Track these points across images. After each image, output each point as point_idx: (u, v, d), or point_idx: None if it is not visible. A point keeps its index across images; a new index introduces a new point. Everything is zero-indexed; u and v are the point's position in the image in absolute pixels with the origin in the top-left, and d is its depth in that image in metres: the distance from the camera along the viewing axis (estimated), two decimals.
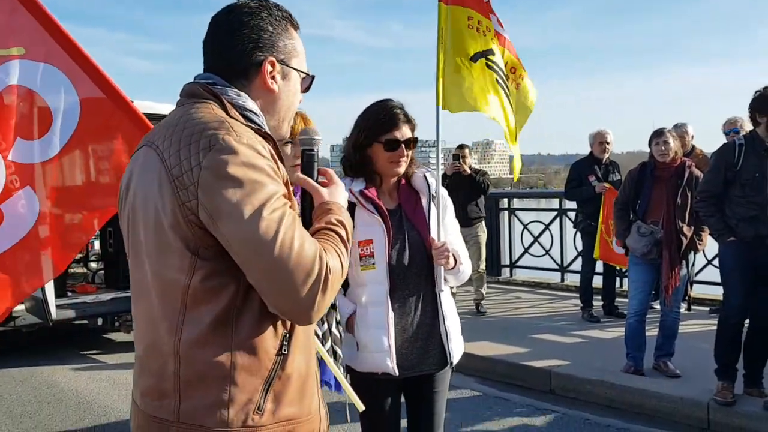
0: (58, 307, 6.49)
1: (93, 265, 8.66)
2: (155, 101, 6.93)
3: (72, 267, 8.50)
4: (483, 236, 7.85)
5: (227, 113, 1.54)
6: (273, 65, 1.63)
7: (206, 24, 1.72)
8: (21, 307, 6.41)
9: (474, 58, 3.22)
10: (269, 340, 1.52)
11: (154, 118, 3.25)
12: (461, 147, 7.95)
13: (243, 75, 1.62)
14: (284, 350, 1.54)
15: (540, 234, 9.66)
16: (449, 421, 4.77)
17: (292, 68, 1.68)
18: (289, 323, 1.55)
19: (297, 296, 1.42)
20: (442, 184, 8.33)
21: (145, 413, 1.56)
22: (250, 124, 1.56)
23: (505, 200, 10.05)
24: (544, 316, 7.64)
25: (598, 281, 7.60)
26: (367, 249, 2.57)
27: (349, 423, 2.75)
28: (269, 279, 1.42)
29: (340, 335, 2.52)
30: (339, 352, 2.48)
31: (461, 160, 7.66)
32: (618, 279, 8.11)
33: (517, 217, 9.94)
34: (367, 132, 2.62)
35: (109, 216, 2.93)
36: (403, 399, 2.81)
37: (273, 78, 1.64)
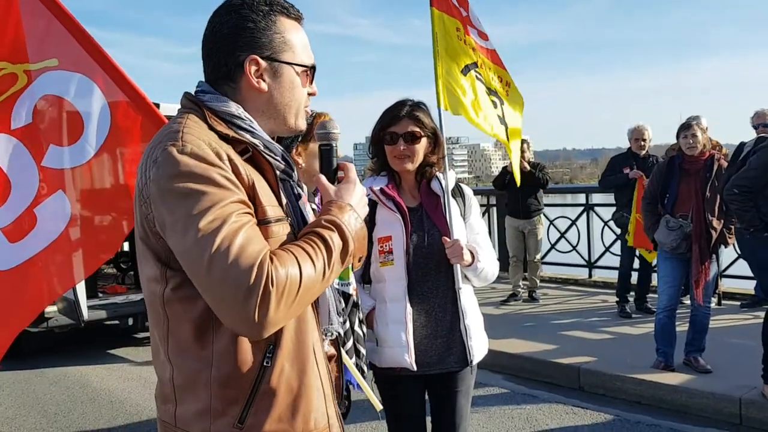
0: (89, 308, 6.60)
1: (123, 266, 8.79)
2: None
3: (102, 268, 8.63)
4: (541, 228, 8.43)
5: (207, 122, 1.50)
6: (257, 63, 1.55)
7: None
8: (53, 308, 6.54)
9: (464, 71, 3.24)
10: (249, 351, 1.46)
11: None
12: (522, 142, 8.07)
13: (229, 78, 1.56)
14: (267, 362, 1.47)
15: (567, 230, 9.58)
16: (476, 418, 4.77)
17: (283, 63, 1.58)
18: (276, 333, 1.45)
19: (232, 309, 1.33)
20: (504, 180, 8.62)
21: (159, 418, 1.59)
22: (239, 133, 1.52)
23: None
24: (572, 313, 7.58)
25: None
26: (386, 246, 2.62)
27: (380, 420, 2.77)
28: (206, 291, 1.36)
29: (363, 334, 2.53)
30: (362, 350, 2.49)
31: (523, 156, 7.86)
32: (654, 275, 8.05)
33: (543, 213, 9.85)
34: (376, 127, 2.72)
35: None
36: (427, 397, 2.81)
37: (261, 77, 1.56)
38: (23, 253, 2.83)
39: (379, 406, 2.46)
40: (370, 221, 2.67)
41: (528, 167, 7.96)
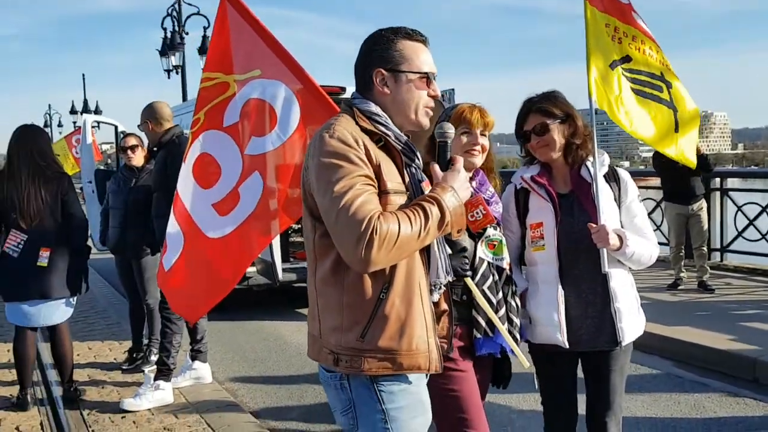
0: (283, 270, 7.38)
1: None
2: None
3: (293, 236, 9.52)
4: (705, 213, 8.06)
5: (354, 118, 2.05)
6: (381, 74, 2.09)
7: (411, 6, 1.94)
8: (253, 269, 7.41)
9: (612, 66, 3.20)
10: (369, 287, 1.98)
11: None
12: None
13: (366, 87, 2.13)
14: (382, 296, 1.98)
15: (756, 217, 9.02)
16: (641, 400, 4.84)
17: (401, 71, 2.09)
18: (388, 274, 1.98)
19: (348, 249, 1.87)
20: (671, 163, 8.29)
21: (309, 333, 2.16)
22: (376, 125, 2.04)
23: (717, 180, 9.46)
24: (755, 304, 7.21)
25: None
26: (537, 231, 2.78)
27: (535, 391, 3.00)
28: (333, 235, 1.91)
29: (517, 305, 2.74)
30: (516, 320, 2.71)
31: None
32: None
33: (731, 198, 9.36)
34: (515, 129, 2.91)
35: None
36: (581, 375, 2.95)
37: (385, 84, 2.10)
38: (230, 224, 3.56)
39: (526, 363, 2.68)
40: (524, 208, 2.85)
41: (701, 150, 7.52)
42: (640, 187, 11.59)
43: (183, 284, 3.83)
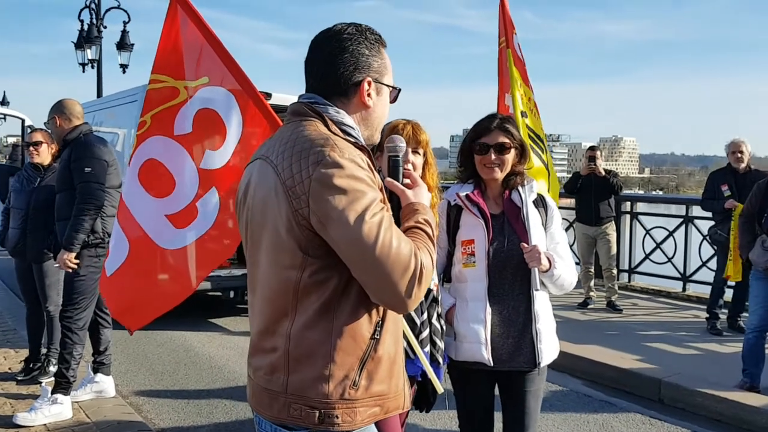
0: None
1: None
2: (292, 92, 7.41)
3: None
4: (614, 235, 8.32)
5: (329, 129, 1.77)
6: (370, 84, 1.85)
7: (339, 13, 1.85)
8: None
9: (523, 115, 3.41)
10: (364, 326, 1.75)
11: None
12: (593, 149, 8.46)
13: (343, 94, 1.84)
14: (377, 335, 1.77)
15: (663, 240, 9.40)
16: (551, 419, 4.91)
17: (384, 84, 1.89)
18: (382, 311, 1.78)
19: (397, 289, 1.65)
20: (576, 185, 8.86)
21: (259, 386, 1.82)
22: (347, 138, 1.77)
23: (628, 204, 9.84)
24: (660, 325, 7.50)
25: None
26: (468, 248, 2.80)
27: (447, 410, 2.98)
28: (372, 274, 1.65)
29: (442, 327, 2.72)
30: (438, 342, 2.69)
31: (596, 162, 8.11)
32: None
33: (640, 222, 9.73)
34: (467, 138, 2.91)
35: None
36: (498, 393, 2.95)
37: (369, 95, 1.85)
38: (188, 238, 3.53)
39: (440, 389, 2.66)
40: (455, 225, 2.86)
41: (603, 173, 8.08)
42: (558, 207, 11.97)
43: (126, 291, 3.73)
